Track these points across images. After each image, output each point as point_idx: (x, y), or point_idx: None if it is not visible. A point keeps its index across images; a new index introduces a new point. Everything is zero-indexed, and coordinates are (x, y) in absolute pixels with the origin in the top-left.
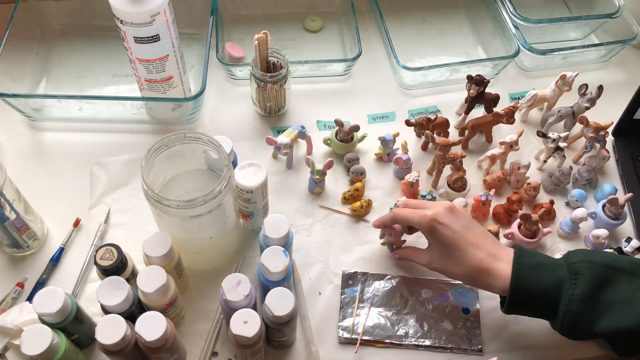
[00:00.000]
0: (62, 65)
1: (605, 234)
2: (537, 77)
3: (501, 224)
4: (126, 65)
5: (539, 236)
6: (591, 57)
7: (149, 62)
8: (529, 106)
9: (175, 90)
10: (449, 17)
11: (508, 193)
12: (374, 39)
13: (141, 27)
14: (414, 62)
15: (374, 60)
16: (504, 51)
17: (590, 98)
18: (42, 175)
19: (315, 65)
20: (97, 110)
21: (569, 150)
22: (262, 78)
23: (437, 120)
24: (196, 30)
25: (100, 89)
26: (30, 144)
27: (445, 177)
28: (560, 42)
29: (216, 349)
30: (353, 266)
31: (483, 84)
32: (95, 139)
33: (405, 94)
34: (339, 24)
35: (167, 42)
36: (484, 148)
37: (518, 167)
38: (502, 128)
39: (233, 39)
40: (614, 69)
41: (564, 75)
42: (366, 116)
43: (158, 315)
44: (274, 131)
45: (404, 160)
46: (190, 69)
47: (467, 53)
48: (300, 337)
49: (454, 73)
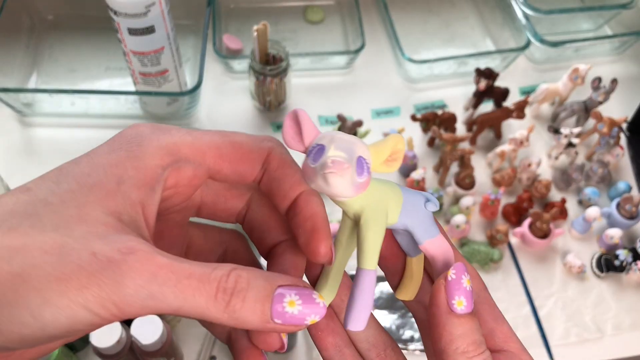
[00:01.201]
0: (54, 58)
1: (620, 234)
2: (548, 70)
3: (511, 223)
4: (120, 58)
5: (550, 237)
6: (604, 49)
7: (144, 54)
8: (540, 100)
9: (171, 84)
10: (456, 7)
11: (518, 191)
12: (377, 30)
13: (135, 18)
14: (420, 55)
15: (377, 53)
16: (514, 43)
17: (603, 92)
18: (33, 172)
19: (317, 57)
20: (89, 105)
21: (581, 147)
22: (262, 71)
23: (444, 115)
24: (192, 22)
25: (93, 82)
26: (20, 140)
27: (452, 174)
28: (572, 34)
29: (214, 353)
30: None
31: (492, 78)
32: (88, 134)
33: (411, 87)
34: (341, 14)
35: (163, 34)
36: (492, 144)
37: (528, 164)
38: (511, 123)
39: (231, 31)
40: (628, 62)
41: (576, 68)
42: (370, 111)
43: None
44: (274, 126)
45: (409, 157)
46: (186, 62)
47: (475, 45)
48: (302, 342)
49: (462, 66)
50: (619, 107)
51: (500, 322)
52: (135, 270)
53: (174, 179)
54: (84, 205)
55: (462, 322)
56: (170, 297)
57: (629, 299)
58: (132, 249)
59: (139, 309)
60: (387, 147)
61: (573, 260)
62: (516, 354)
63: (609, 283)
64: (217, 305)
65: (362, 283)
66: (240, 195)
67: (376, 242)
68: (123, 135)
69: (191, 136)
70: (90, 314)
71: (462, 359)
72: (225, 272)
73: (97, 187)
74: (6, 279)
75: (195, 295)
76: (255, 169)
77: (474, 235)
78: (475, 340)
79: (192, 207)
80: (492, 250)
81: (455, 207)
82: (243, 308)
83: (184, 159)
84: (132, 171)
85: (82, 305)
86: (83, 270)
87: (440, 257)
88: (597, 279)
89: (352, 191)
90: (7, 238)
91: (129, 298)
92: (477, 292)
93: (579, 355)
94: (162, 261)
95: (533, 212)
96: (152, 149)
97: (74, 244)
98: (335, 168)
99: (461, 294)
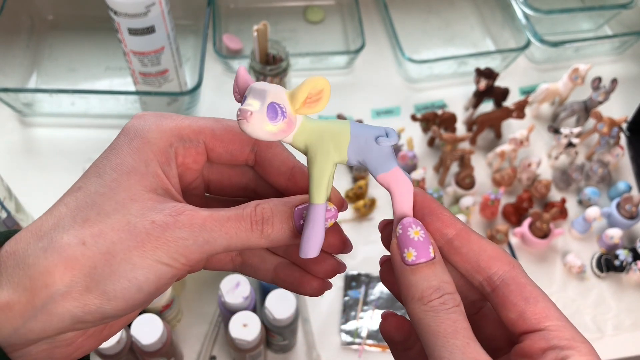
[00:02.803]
0: (54, 58)
1: (620, 234)
2: (549, 70)
3: (511, 223)
4: (120, 58)
5: (550, 237)
6: (605, 49)
7: (144, 54)
8: (540, 100)
9: (171, 84)
10: (455, 7)
11: (518, 191)
12: (377, 30)
13: (135, 18)
14: (420, 55)
15: (377, 53)
16: (514, 43)
17: (603, 92)
18: (33, 172)
19: (317, 57)
20: (89, 104)
21: (581, 147)
22: (262, 71)
23: (444, 115)
24: (192, 22)
25: (93, 82)
26: (20, 140)
27: (452, 174)
28: (572, 34)
29: (214, 353)
30: (356, 267)
31: (492, 77)
32: (88, 134)
33: (411, 87)
34: (341, 14)
35: (163, 34)
36: (493, 144)
37: (528, 164)
38: (512, 123)
39: (231, 31)
40: (628, 62)
41: (576, 68)
42: (370, 111)
43: (154, 317)
44: None
45: (409, 157)
46: (186, 62)
47: (475, 45)
48: (302, 341)
49: (462, 66)
50: (619, 107)
51: (532, 302)
52: (188, 225)
53: (181, 157)
54: (129, 188)
55: (414, 271)
56: (219, 239)
57: (629, 299)
58: (179, 210)
59: (202, 254)
60: (303, 90)
61: (573, 260)
62: (553, 330)
63: (609, 283)
64: (255, 234)
65: (312, 216)
66: (243, 174)
67: (321, 178)
68: (133, 126)
69: (189, 120)
70: (167, 267)
71: (418, 305)
72: (252, 208)
73: (133, 172)
74: (99, 259)
75: (237, 231)
76: (245, 150)
77: None
78: (430, 286)
79: (204, 184)
80: None
81: (456, 207)
82: (274, 230)
83: (185, 138)
84: (151, 154)
85: (159, 262)
86: (151, 235)
87: (396, 190)
88: (597, 279)
89: (269, 135)
90: (86, 228)
91: (191, 247)
92: (461, 237)
93: None
94: (205, 214)
95: (533, 212)
96: (159, 134)
97: (136, 219)
98: (242, 116)
99: (409, 245)
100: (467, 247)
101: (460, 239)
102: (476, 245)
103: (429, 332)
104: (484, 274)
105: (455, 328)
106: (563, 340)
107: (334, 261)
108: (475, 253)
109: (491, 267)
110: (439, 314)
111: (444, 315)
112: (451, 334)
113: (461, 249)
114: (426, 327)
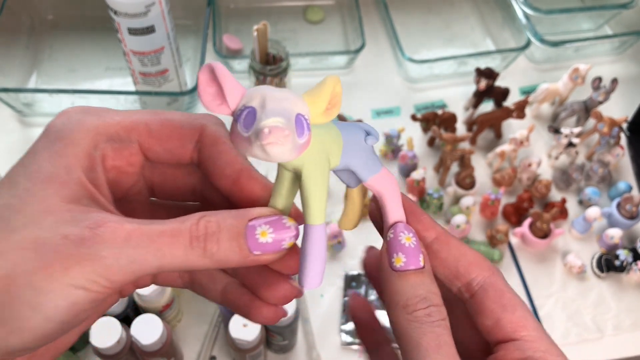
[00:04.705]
0: (54, 58)
1: (620, 234)
2: (549, 70)
3: (511, 223)
4: (120, 58)
5: (550, 237)
6: (605, 49)
7: (144, 54)
8: (540, 100)
9: (171, 84)
10: (456, 7)
11: (518, 191)
12: (377, 30)
13: (135, 18)
14: (420, 54)
15: (377, 53)
16: (514, 43)
17: (604, 92)
18: None
19: (317, 57)
20: (89, 104)
21: (581, 147)
22: (262, 71)
23: (444, 115)
24: (192, 22)
25: (93, 82)
26: (21, 141)
27: (453, 174)
28: (572, 34)
29: (214, 353)
30: (356, 267)
31: (492, 77)
32: None
33: (411, 87)
34: (341, 14)
35: (163, 34)
36: (493, 144)
37: (529, 164)
38: (512, 123)
39: (231, 31)
40: (628, 62)
41: (576, 68)
42: (370, 111)
43: (154, 317)
44: None
45: (409, 157)
46: (186, 62)
47: (475, 45)
48: (302, 341)
49: (462, 66)
50: (619, 107)
51: (509, 310)
52: (108, 241)
53: (110, 160)
54: (44, 199)
55: (402, 277)
56: (149, 257)
57: (629, 299)
58: (99, 222)
59: (126, 275)
60: (325, 94)
61: (573, 260)
62: (529, 341)
63: (609, 283)
64: (195, 253)
65: (313, 239)
66: (189, 174)
67: (322, 197)
68: (55, 125)
69: (119, 116)
70: (83, 291)
71: (402, 313)
72: (194, 220)
73: (51, 180)
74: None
75: (172, 249)
76: (187, 146)
77: (474, 235)
78: (416, 295)
79: (147, 188)
80: (493, 250)
81: (456, 207)
82: (220, 249)
83: (114, 138)
84: (73, 159)
85: (72, 285)
86: (60, 253)
87: (386, 193)
88: (598, 279)
89: (295, 154)
90: None
91: (112, 268)
92: (457, 255)
93: (579, 355)
94: (131, 226)
95: (533, 212)
96: (82, 134)
97: (46, 234)
98: (275, 137)
99: (399, 251)
100: (446, 251)
101: (439, 243)
102: (456, 250)
103: (411, 344)
104: (463, 280)
105: (439, 343)
106: (538, 352)
107: (289, 286)
108: (455, 258)
109: (470, 272)
110: (422, 325)
111: (428, 327)
112: (433, 348)
113: (440, 253)
114: (408, 338)
